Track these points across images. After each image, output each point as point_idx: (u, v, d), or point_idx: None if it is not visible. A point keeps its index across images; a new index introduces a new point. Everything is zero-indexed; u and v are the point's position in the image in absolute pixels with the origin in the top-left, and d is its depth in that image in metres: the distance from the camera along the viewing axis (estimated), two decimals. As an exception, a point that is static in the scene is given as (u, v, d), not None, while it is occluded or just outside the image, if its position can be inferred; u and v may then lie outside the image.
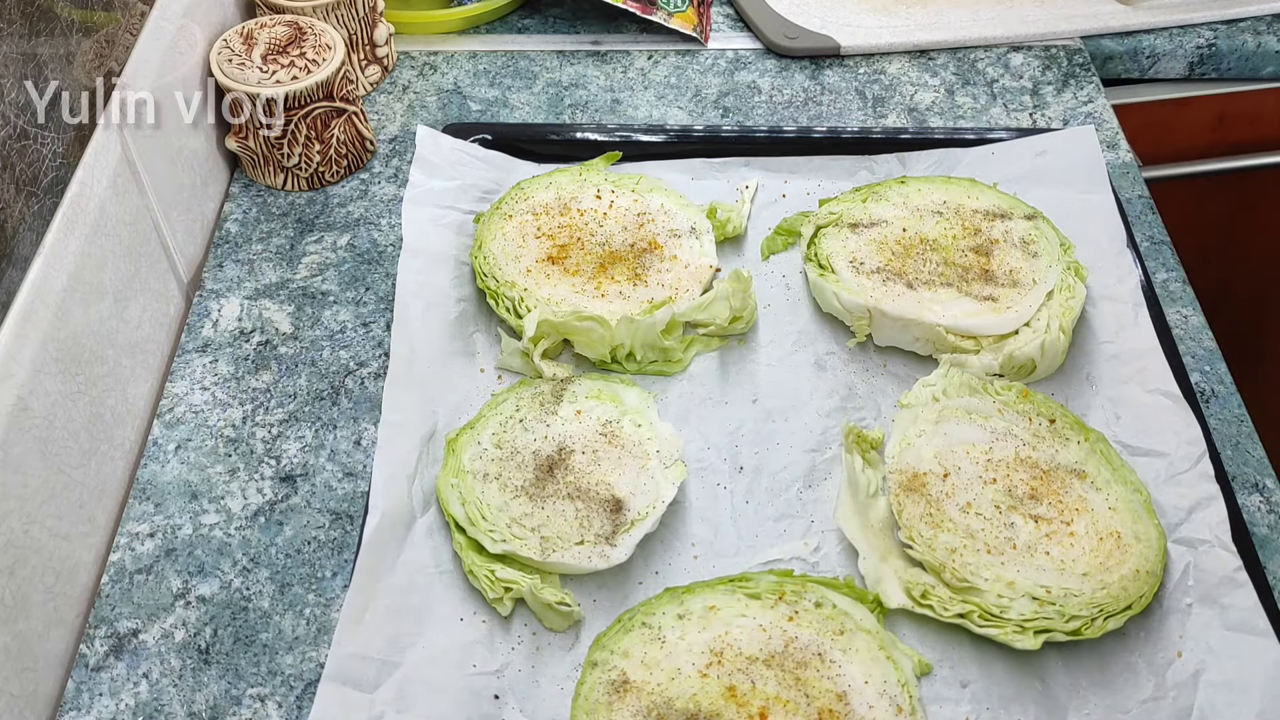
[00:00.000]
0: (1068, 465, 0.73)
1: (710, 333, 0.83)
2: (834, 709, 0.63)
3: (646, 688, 0.64)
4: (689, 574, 0.71)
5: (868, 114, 1.01)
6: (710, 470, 0.76)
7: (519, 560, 0.69)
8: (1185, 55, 1.09)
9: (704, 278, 0.84)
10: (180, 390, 0.81)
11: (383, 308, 0.86)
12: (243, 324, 0.85)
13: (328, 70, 0.89)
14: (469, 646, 0.68)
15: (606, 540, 0.70)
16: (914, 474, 0.73)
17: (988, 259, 0.83)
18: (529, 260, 0.84)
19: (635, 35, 1.09)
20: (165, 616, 0.70)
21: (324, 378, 0.82)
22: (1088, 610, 0.66)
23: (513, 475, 0.73)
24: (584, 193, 0.89)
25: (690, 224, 0.87)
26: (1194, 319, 0.85)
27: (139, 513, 0.74)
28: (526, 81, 1.04)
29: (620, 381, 0.79)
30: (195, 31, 0.90)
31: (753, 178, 0.93)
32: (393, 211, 0.93)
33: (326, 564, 0.72)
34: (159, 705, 0.66)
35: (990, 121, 1.00)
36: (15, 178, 0.65)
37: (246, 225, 0.92)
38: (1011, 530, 0.70)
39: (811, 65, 1.06)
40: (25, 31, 0.66)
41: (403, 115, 1.01)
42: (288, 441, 0.78)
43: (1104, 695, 0.66)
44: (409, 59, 1.06)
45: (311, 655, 0.68)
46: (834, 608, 0.67)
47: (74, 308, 0.71)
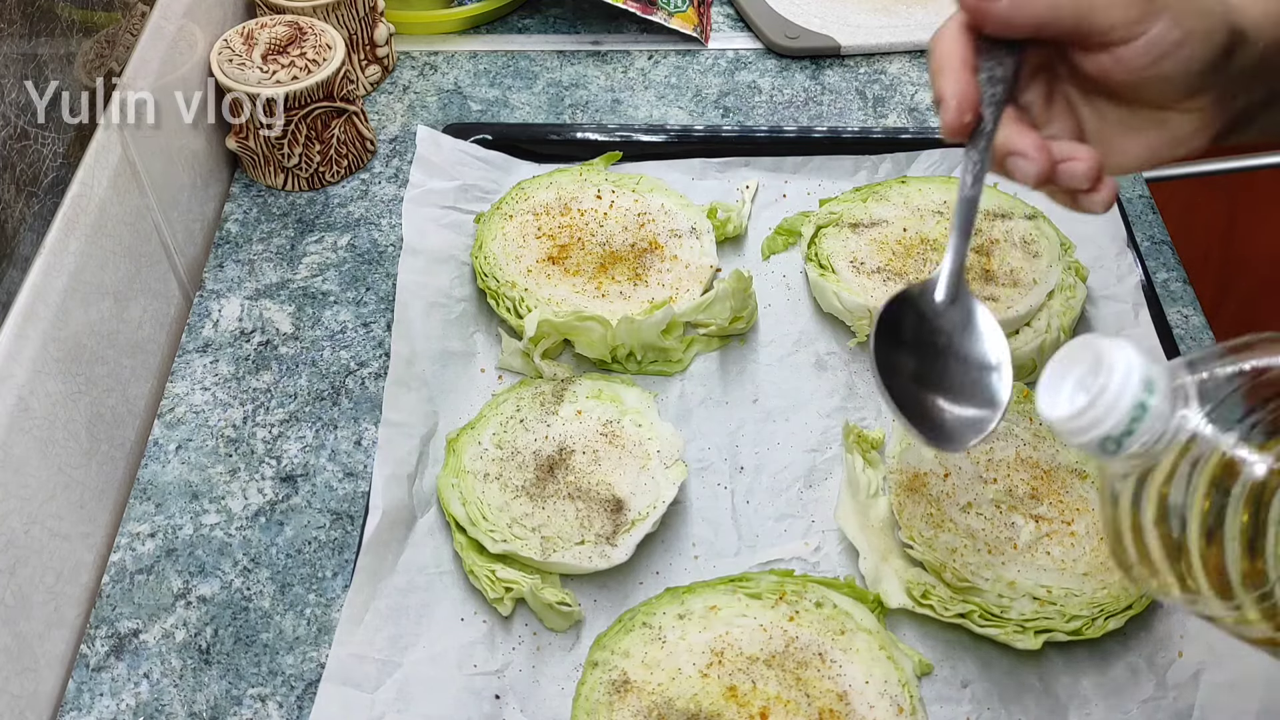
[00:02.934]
0: (1068, 465, 0.73)
1: (710, 333, 0.83)
2: (835, 709, 0.63)
3: (647, 688, 0.64)
4: (689, 574, 0.71)
5: (868, 114, 1.01)
6: (711, 470, 0.76)
7: (519, 560, 0.69)
8: (1185, 55, 1.09)
9: (704, 278, 0.84)
10: (181, 390, 0.81)
11: (383, 308, 0.86)
12: (243, 324, 0.85)
13: (328, 70, 0.89)
14: (469, 646, 0.68)
15: (607, 540, 0.70)
16: (914, 474, 0.73)
17: (988, 259, 0.83)
18: (529, 260, 0.84)
19: (635, 35, 1.09)
20: (166, 616, 0.70)
21: (324, 378, 0.82)
22: (1088, 610, 0.66)
23: (513, 475, 0.73)
24: (584, 193, 0.89)
25: (690, 224, 0.87)
26: (1194, 319, 0.85)
27: (140, 513, 0.74)
28: (527, 81, 1.04)
29: (621, 381, 0.79)
30: (195, 31, 0.90)
31: (753, 178, 0.94)
32: (393, 211, 0.93)
33: (327, 564, 0.72)
34: (160, 705, 0.66)
35: (990, 121, 1.00)
36: (15, 178, 0.65)
37: (247, 225, 0.92)
38: (1012, 530, 0.70)
39: (812, 65, 1.06)
40: (25, 31, 0.66)
41: (403, 115, 1.01)
42: (288, 441, 0.78)
43: (1105, 695, 0.66)
44: (409, 59, 1.06)
45: (312, 655, 0.68)
46: (835, 608, 0.67)
47: (74, 308, 0.71)
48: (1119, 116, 0.58)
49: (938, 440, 0.58)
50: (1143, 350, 0.48)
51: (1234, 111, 0.58)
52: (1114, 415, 0.47)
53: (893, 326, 0.59)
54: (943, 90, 0.56)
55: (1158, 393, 0.47)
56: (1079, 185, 0.56)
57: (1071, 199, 0.57)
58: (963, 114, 0.56)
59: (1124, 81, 0.56)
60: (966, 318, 0.60)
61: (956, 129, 0.56)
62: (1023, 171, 0.55)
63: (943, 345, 0.60)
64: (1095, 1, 0.55)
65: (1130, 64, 0.55)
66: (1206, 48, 0.55)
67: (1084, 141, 0.59)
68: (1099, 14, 0.55)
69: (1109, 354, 0.47)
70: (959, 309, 0.60)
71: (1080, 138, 0.59)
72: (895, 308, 0.59)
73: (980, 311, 0.60)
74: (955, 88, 0.56)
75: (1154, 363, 0.47)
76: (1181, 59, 0.55)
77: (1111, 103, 0.58)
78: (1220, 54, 0.55)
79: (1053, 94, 0.60)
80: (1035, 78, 0.60)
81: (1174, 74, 0.55)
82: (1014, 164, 0.56)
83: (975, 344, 0.59)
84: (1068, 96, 0.59)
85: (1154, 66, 0.55)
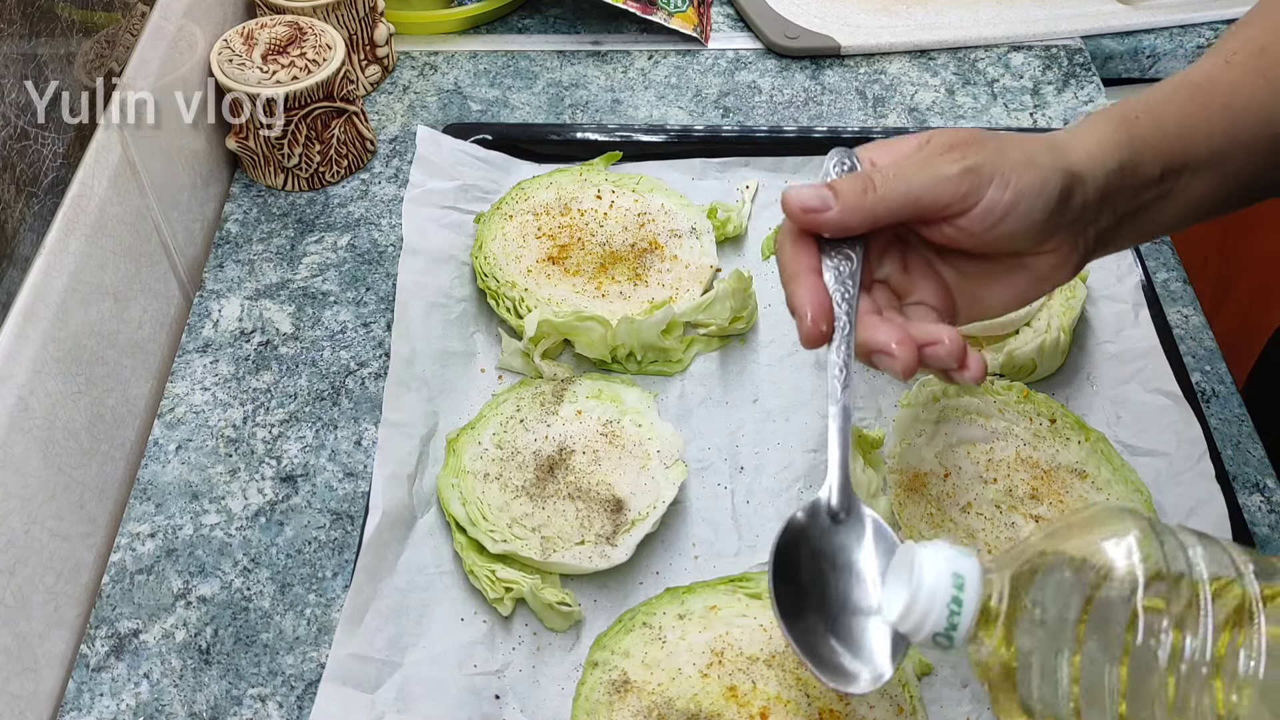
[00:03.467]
0: (1068, 465, 0.73)
1: (711, 333, 0.83)
2: (835, 709, 0.63)
3: (647, 688, 0.64)
4: (689, 574, 0.71)
5: (868, 114, 1.01)
6: (711, 470, 0.76)
7: (520, 560, 0.69)
8: (1185, 55, 1.09)
9: (704, 278, 0.84)
10: (181, 390, 0.81)
11: (383, 308, 0.86)
12: (243, 324, 0.85)
13: (328, 70, 0.89)
14: (470, 646, 0.68)
15: (607, 540, 0.70)
16: (915, 474, 0.73)
17: (988, 259, 0.83)
18: (529, 260, 0.84)
19: (635, 35, 1.09)
20: (166, 617, 0.70)
21: (324, 378, 0.82)
22: (1088, 610, 0.66)
23: (513, 475, 0.73)
24: (584, 193, 0.89)
25: (691, 224, 0.87)
26: (1194, 319, 0.85)
27: (140, 513, 0.74)
28: (527, 81, 1.04)
29: (621, 381, 0.79)
30: (195, 31, 0.90)
31: (753, 178, 0.94)
32: (393, 211, 0.93)
33: (327, 564, 0.72)
34: (160, 705, 0.66)
35: (991, 121, 1.00)
36: (15, 178, 0.65)
37: (247, 225, 0.92)
38: (1012, 530, 0.70)
39: (812, 65, 1.06)
40: (25, 31, 0.66)
41: (403, 115, 1.01)
42: (288, 442, 0.78)
43: (1104, 695, 0.66)
44: (409, 59, 1.06)
45: (312, 655, 0.68)
46: (834, 608, 0.67)
47: (74, 308, 0.71)
48: (978, 269, 0.59)
49: (842, 682, 0.56)
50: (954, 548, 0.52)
51: (1089, 241, 0.59)
52: (934, 613, 0.51)
53: (789, 556, 0.58)
54: (794, 302, 0.57)
55: (969, 586, 0.51)
56: (947, 366, 0.56)
57: (945, 375, 0.57)
58: (818, 326, 0.56)
59: (972, 244, 0.57)
60: (861, 530, 0.59)
61: (815, 341, 0.56)
62: (889, 367, 0.56)
63: (842, 563, 0.58)
64: (920, 189, 0.56)
65: (972, 230, 0.56)
66: (1042, 200, 0.56)
67: (949, 296, 0.60)
68: (928, 198, 0.56)
69: (918, 556, 0.52)
70: (853, 521, 0.59)
71: (946, 294, 0.60)
72: (789, 537, 0.58)
73: (871, 521, 0.59)
74: (807, 296, 0.56)
75: (964, 557, 0.52)
76: (1020, 215, 0.56)
77: (968, 259, 0.59)
78: (1058, 202, 0.56)
79: (909, 261, 0.60)
80: (888, 251, 0.60)
81: (1017, 229, 0.56)
82: (879, 360, 0.56)
83: (874, 559, 0.58)
84: (925, 258, 0.60)
85: (995, 228, 0.56)
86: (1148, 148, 0.58)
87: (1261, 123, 0.60)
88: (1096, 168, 0.57)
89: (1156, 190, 0.59)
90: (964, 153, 0.56)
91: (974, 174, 0.55)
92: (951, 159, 0.56)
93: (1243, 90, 0.60)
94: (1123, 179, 0.58)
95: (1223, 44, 0.63)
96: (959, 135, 0.57)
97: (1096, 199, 0.58)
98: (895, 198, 0.56)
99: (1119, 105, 0.60)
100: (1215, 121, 0.59)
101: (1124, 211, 0.59)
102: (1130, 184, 0.58)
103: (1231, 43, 0.62)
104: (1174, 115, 0.59)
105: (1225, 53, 0.62)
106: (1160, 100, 0.60)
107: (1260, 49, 0.61)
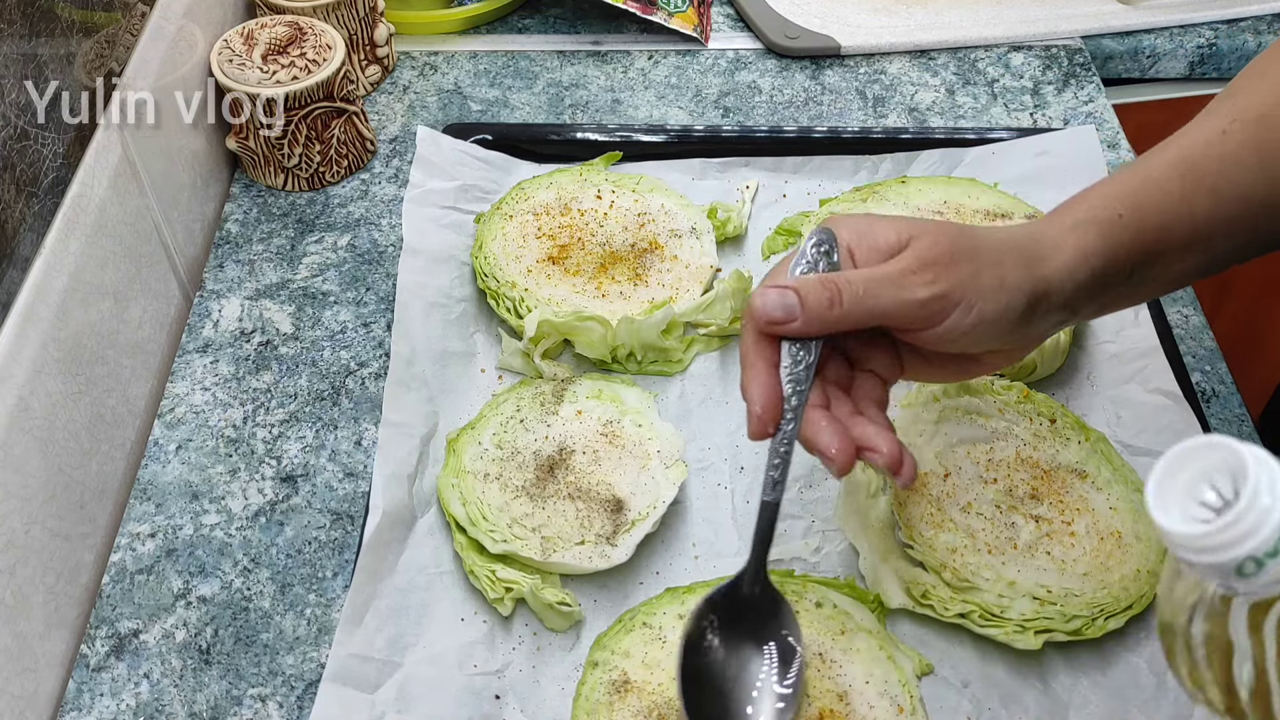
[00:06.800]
0: (1068, 465, 0.73)
1: (711, 333, 0.83)
2: (835, 709, 0.63)
3: (647, 688, 0.64)
4: (690, 574, 0.71)
5: (868, 114, 1.01)
6: (711, 470, 0.76)
7: (520, 560, 0.69)
8: (1186, 55, 1.09)
9: (704, 278, 0.84)
10: (181, 390, 0.81)
11: (383, 308, 0.86)
12: (243, 324, 0.85)
13: (328, 70, 0.89)
14: (470, 647, 0.68)
15: (607, 540, 0.70)
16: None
17: (988, 259, 0.83)
18: (529, 260, 0.84)
19: (635, 35, 1.09)
20: (166, 617, 0.70)
21: (324, 378, 0.82)
22: (1088, 610, 0.66)
23: (513, 475, 0.73)
24: (584, 193, 0.89)
25: (691, 224, 0.87)
26: (1194, 319, 0.85)
27: (140, 513, 0.74)
28: (527, 81, 1.04)
29: (621, 381, 0.79)
30: (195, 31, 0.90)
31: (753, 178, 0.94)
32: (393, 211, 0.93)
33: (327, 564, 0.72)
34: (160, 705, 0.66)
35: (991, 121, 1.00)
36: (16, 178, 0.65)
37: (247, 225, 0.92)
38: (1012, 530, 0.70)
39: (812, 65, 1.06)
40: (25, 31, 0.66)
41: (403, 115, 1.01)
42: (288, 442, 0.78)
43: (1104, 695, 0.66)
44: (409, 59, 1.06)
45: (312, 655, 0.68)
46: (834, 608, 0.67)
47: (75, 308, 0.71)
48: (933, 356, 0.61)
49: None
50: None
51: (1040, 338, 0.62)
52: (1263, 531, 0.39)
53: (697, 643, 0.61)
54: (747, 392, 0.58)
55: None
56: (884, 470, 0.58)
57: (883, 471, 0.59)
58: (764, 425, 0.58)
59: (926, 347, 0.59)
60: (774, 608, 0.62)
61: (760, 436, 0.58)
62: (826, 466, 0.58)
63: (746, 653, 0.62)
64: (885, 309, 0.57)
65: (927, 340, 0.58)
66: (1003, 324, 0.58)
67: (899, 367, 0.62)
68: (891, 316, 0.57)
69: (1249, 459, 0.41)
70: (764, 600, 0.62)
71: (896, 365, 0.62)
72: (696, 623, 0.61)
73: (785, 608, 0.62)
74: (759, 392, 0.58)
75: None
76: (977, 338, 0.58)
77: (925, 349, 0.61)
78: (1018, 323, 0.58)
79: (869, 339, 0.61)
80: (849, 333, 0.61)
81: (970, 345, 0.59)
82: (820, 459, 0.58)
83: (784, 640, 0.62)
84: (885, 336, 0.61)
85: (955, 343, 0.58)
86: (1122, 248, 0.59)
87: (1243, 202, 0.60)
88: (1067, 280, 0.58)
89: (1121, 289, 0.61)
90: (936, 275, 0.56)
91: (942, 300, 0.56)
92: (923, 280, 0.56)
93: (1234, 168, 0.60)
94: (1090, 284, 0.59)
95: (1222, 106, 0.63)
96: (938, 249, 0.57)
97: (1060, 306, 0.59)
98: (860, 314, 0.57)
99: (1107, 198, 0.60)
100: (1199, 205, 0.60)
101: (1084, 309, 0.61)
102: (1097, 286, 0.59)
103: (1231, 108, 0.62)
104: (1156, 206, 0.60)
105: (1224, 120, 0.61)
106: (1149, 186, 0.60)
107: (1258, 117, 0.60)
